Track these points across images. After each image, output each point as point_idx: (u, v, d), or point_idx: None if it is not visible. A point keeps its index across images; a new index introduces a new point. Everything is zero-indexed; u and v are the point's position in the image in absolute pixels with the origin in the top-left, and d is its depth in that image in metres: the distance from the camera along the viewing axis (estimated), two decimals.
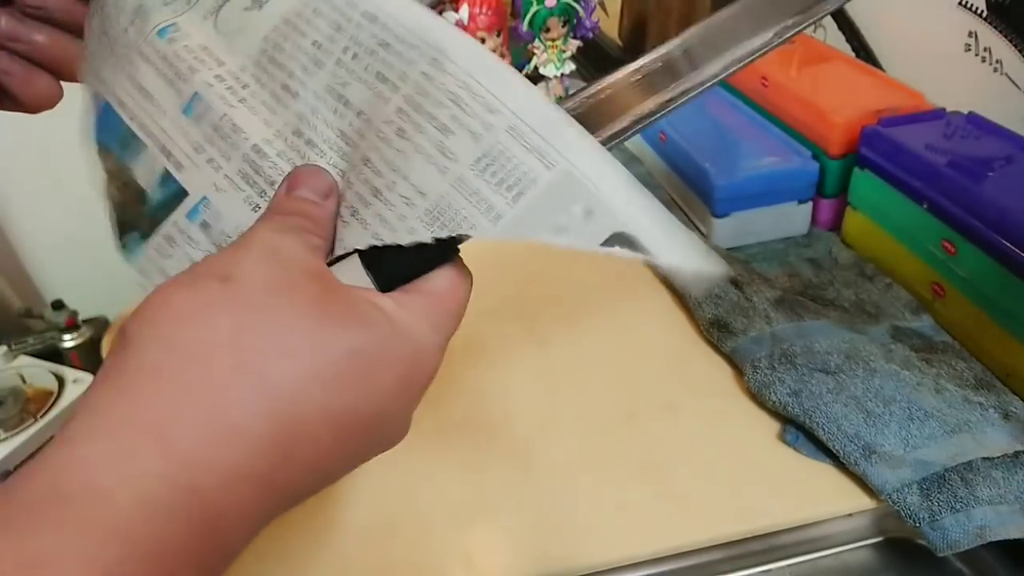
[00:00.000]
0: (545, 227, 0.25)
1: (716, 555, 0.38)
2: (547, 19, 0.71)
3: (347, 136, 0.30)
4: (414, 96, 0.27)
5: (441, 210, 0.26)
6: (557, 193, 0.25)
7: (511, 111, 0.26)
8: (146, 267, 0.32)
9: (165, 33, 0.33)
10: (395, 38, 0.28)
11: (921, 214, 0.47)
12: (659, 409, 0.45)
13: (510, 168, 0.25)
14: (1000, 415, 0.40)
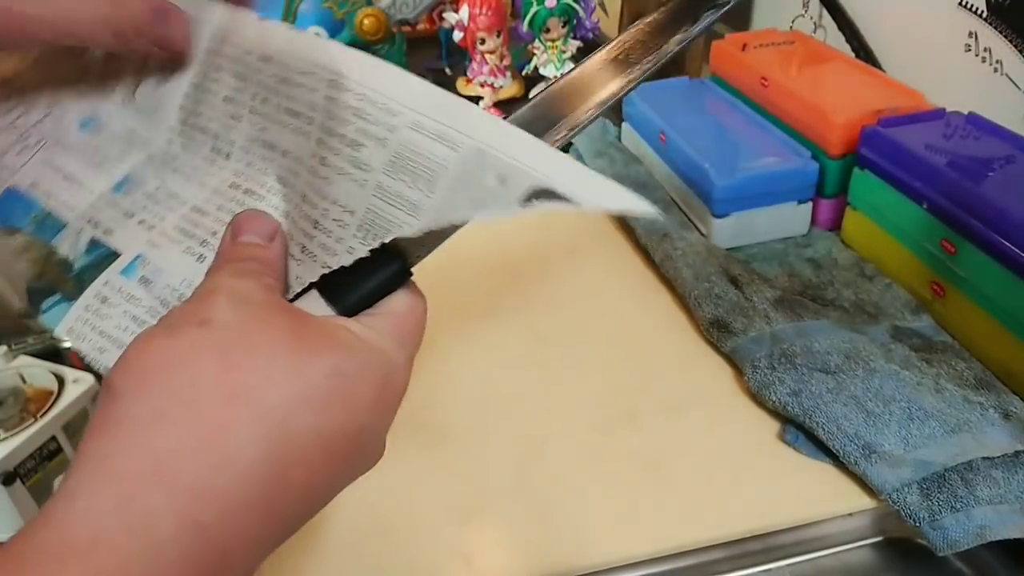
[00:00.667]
0: (464, 206, 0.25)
1: (716, 555, 0.38)
2: (547, 19, 0.72)
3: (283, 178, 0.30)
4: (326, 122, 0.28)
5: (370, 221, 0.27)
6: (468, 170, 0.25)
7: (410, 108, 0.27)
8: (77, 328, 0.31)
9: (88, 126, 0.33)
10: (292, 71, 0.29)
11: (921, 214, 0.47)
12: (659, 409, 0.45)
13: (420, 161, 0.26)
14: (1000, 415, 0.40)
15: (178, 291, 0.30)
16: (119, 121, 0.34)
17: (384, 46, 0.89)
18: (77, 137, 0.34)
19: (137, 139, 0.33)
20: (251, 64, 0.30)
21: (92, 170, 0.33)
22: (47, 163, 0.33)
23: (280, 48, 0.29)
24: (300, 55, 0.29)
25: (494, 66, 0.78)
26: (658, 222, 0.58)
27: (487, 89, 0.78)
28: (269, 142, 0.31)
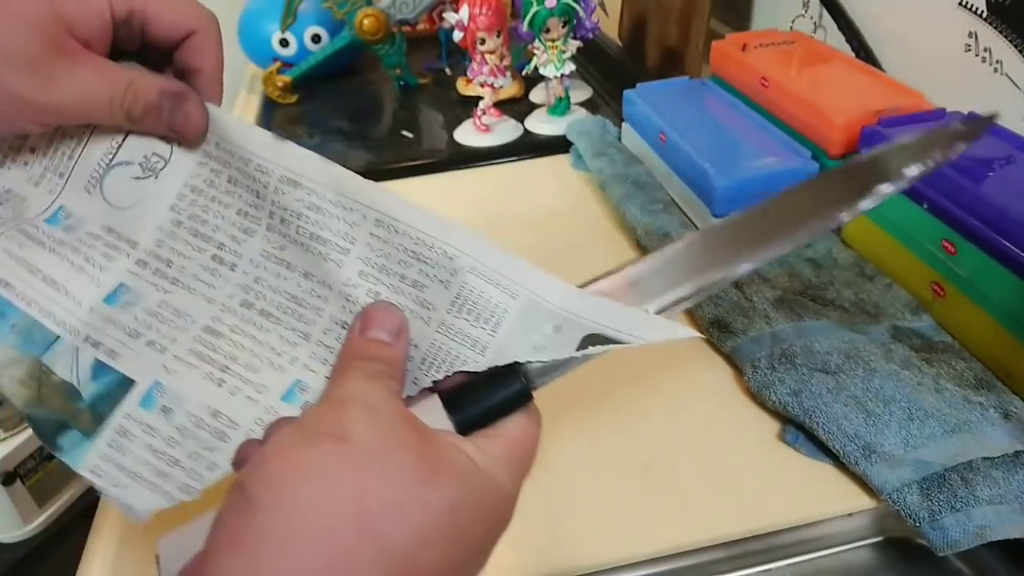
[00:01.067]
0: (525, 348, 0.27)
1: (716, 555, 0.38)
2: (547, 19, 0.71)
3: (299, 299, 0.30)
4: (372, 258, 0.29)
5: (434, 355, 0.28)
6: (527, 317, 0.28)
7: (467, 254, 0.28)
8: (100, 466, 0.29)
9: (57, 221, 0.31)
10: (328, 202, 0.29)
11: (921, 214, 0.47)
12: (659, 409, 0.45)
13: (482, 304, 0.28)
14: (1000, 415, 0.40)
15: (202, 418, 0.30)
16: (93, 216, 0.32)
17: (384, 46, 0.89)
18: (47, 232, 0.31)
19: (121, 240, 0.32)
20: (269, 184, 0.30)
21: (76, 275, 0.31)
22: (15, 258, 0.31)
23: (311, 176, 0.29)
24: (339, 187, 0.29)
25: (494, 66, 0.78)
26: (657, 222, 0.58)
27: (487, 89, 0.78)
28: (287, 261, 0.30)
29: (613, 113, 0.81)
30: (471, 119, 0.80)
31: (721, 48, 0.68)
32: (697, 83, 0.70)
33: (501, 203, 0.69)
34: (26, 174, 0.32)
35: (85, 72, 0.28)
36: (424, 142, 0.83)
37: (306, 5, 0.91)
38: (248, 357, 0.30)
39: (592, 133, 0.73)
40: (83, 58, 0.28)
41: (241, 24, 0.98)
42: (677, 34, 0.81)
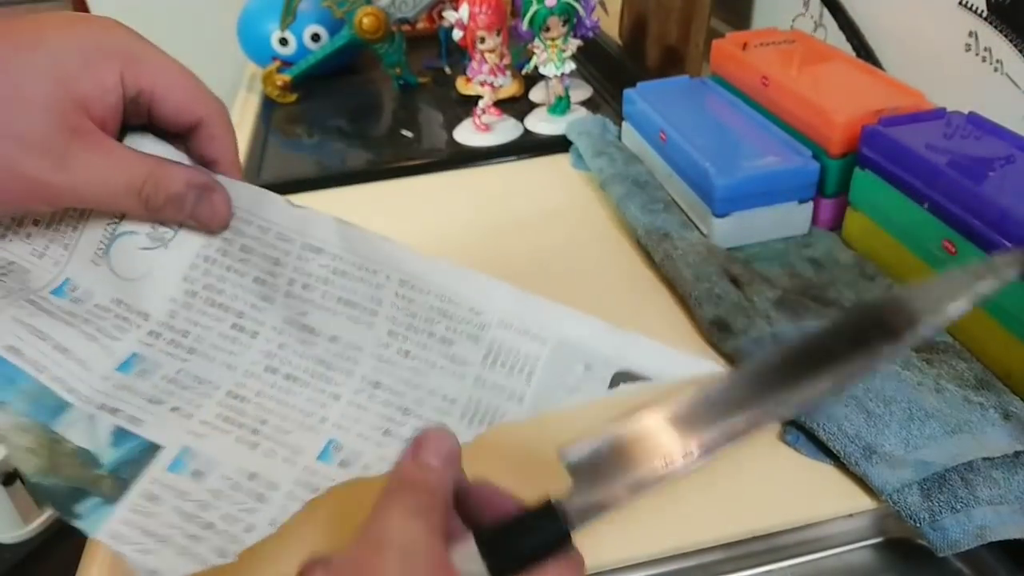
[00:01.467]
0: (561, 392, 0.28)
1: (717, 555, 0.38)
2: (547, 18, 0.71)
3: (327, 362, 0.30)
4: (400, 318, 0.30)
5: (474, 409, 0.29)
6: (558, 361, 0.28)
7: (492, 308, 0.29)
8: (121, 531, 0.28)
9: (63, 293, 0.31)
10: (352, 266, 0.30)
11: (922, 214, 0.47)
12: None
13: (513, 356, 0.29)
14: (1000, 415, 0.40)
15: (232, 480, 0.29)
16: (101, 288, 0.31)
17: (383, 45, 0.89)
18: (55, 303, 0.31)
19: (131, 312, 0.31)
20: (290, 251, 0.30)
21: (87, 343, 0.30)
22: (24, 325, 0.30)
23: (332, 241, 0.30)
24: (360, 252, 0.30)
25: (494, 65, 0.77)
26: (657, 222, 0.58)
27: (487, 88, 0.78)
28: (311, 327, 0.30)
29: (613, 112, 0.81)
30: (471, 118, 0.80)
31: (721, 47, 0.68)
32: (697, 82, 0.70)
33: (501, 203, 0.69)
34: (29, 246, 0.31)
35: (102, 156, 0.27)
36: (424, 141, 0.83)
37: (306, 4, 0.90)
38: (277, 420, 0.30)
39: (592, 132, 0.73)
40: (99, 141, 0.27)
41: (241, 23, 0.98)
42: (677, 33, 0.81)
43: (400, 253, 0.29)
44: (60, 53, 0.26)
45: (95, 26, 0.27)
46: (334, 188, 0.73)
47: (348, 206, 0.71)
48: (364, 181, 0.75)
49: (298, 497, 0.28)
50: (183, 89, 0.29)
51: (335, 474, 0.29)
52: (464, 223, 0.65)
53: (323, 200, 0.72)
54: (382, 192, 0.73)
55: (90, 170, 0.27)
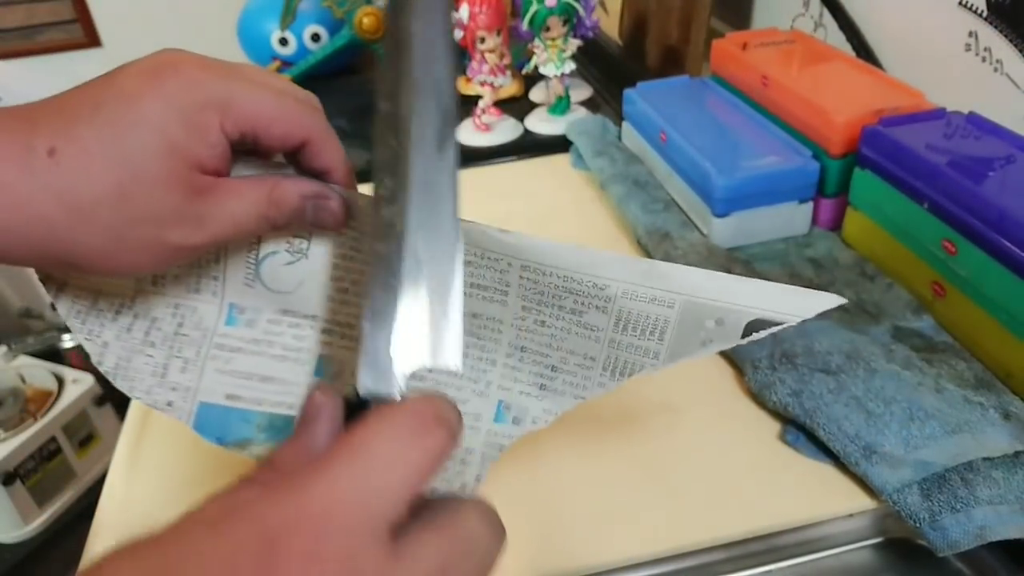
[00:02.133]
0: (694, 347, 0.30)
1: (717, 556, 0.38)
2: (547, 18, 0.71)
3: (476, 333, 0.33)
4: (529, 295, 0.32)
5: (614, 364, 0.32)
6: (688, 320, 0.30)
7: (615, 279, 0.30)
8: None
9: (234, 320, 0.34)
10: (473, 256, 0.32)
11: (921, 214, 0.47)
12: (659, 409, 0.45)
13: (643, 320, 0.31)
14: (1000, 415, 0.40)
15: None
16: (264, 304, 0.34)
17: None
18: (234, 335, 0.33)
19: (299, 317, 0.34)
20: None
21: (279, 363, 0.33)
22: (229, 373, 0.33)
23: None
24: (477, 243, 0.31)
25: (494, 65, 0.77)
26: (657, 222, 0.58)
27: (487, 88, 0.78)
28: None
29: (613, 112, 0.81)
30: (471, 118, 0.80)
31: (722, 47, 0.68)
32: (698, 82, 0.70)
33: (501, 202, 0.69)
34: (184, 286, 0.33)
35: (229, 202, 0.28)
36: None
37: (306, 4, 0.90)
38: (454, 392, 0.33)
39: (592, 132, 0.73)
40: (223, 190, 0.28)
41: (241, 23, 0.98)
42: (677, 33, 0.81)
43: (517, 240, 0.31)
44: (162, 124, 0.26)
45: (182, 78, 0.27)
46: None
47: None
48: (364, 181, 0.74)
49: (490, 456, 0.34)
50: (282, 119, 0.29)
51: (511, 431, 0.34)
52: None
53: None
54: None
55: (223, 219, 0.28)
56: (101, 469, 1.38)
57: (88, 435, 1.38)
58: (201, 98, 0.27)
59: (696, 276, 0.30)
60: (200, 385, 0.33)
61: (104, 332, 0.33)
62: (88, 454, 1.38)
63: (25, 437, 1.26)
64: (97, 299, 0.33)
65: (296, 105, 0.29)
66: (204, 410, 0.33)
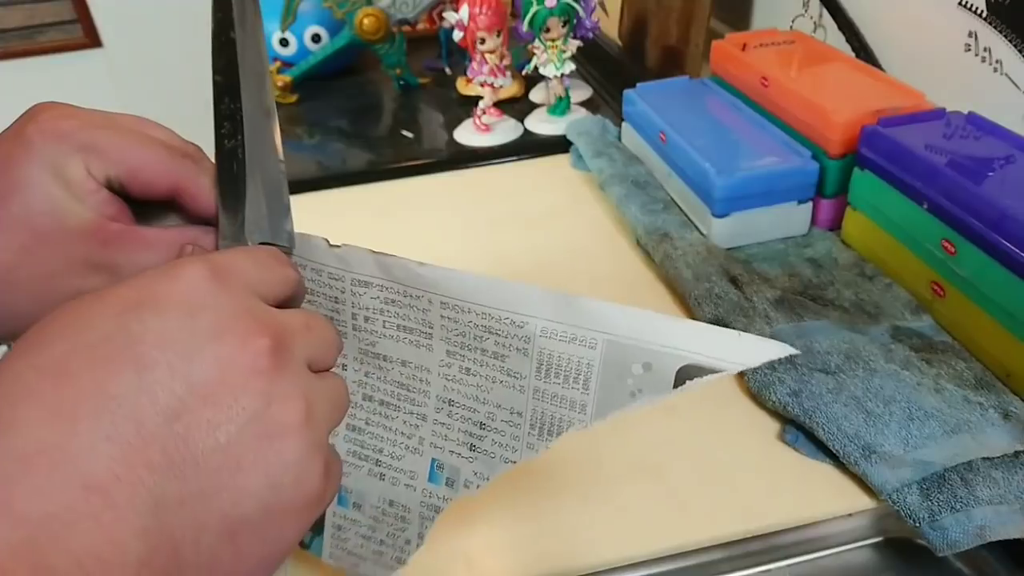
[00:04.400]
0: (623, 397, 0.27)
1: (716, 555, 0.38)
2: (547, 19, 0.71)
3: (406, 385, 0.32)
4: (452, 337, 0.30)
5: (540, 420, 0.29)
6: (612, 364, 0.27)
7: (531, 316, 0.28)
8: (335, 553, 0.35)
9: None
10: (399, 294, 0.30)
11: (921, 214, 0.47)
12: (659, 409, 0.45)
13: (564, 364, 0.28)
14: (1000, 415, 0.40)
15: (380, 507, 0.33)
16: None
17: (384, 46, 0.89)
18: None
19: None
20: (344, 288, 0.31)
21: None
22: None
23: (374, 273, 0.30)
24: (400, 279, 0.30)
25: (494, 66, 0.77)
26: (657, 222, 0.58)
27: (487, 89, 0.78)
28: (382, 354, 0.32)
29: (613, 113, 0.81)
30: (471, 119, 0.80)
31: (721, 48, 0.68)
32: (697, 83, 0.70)
33: (501, 203, 0.69)
34: None
35: (141, 252, 0.29)
36: (424, 142, 0.83)
37: (306, 5, 0.91)
38: (390, 447, 0.33)
39: (592, 133, 0.73)
40: (132, 239, 0.29)
41: None
42: (677, 34, 0.81)
43: (432, 274, 0.29)
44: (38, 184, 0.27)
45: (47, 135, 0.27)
46: (335, 189, 0.74)
47: (349, 206, 0.71)
48: (365, 182, 0.75)
49: (427, 518, 0.33)
50: (147, 166, 0.29)
51: (446, 494, 0.32)
52: (464, 223, 0.65)
53: (324, 200, 0.72)
54: (382, 192, 0.73)
55: (137, 268, 0.29)
56: None
57: None
58: (66, 148, 0.27)
59: (618, 313, 0.26)
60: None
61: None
62: None
63: None
64: None
65: (164, 152, 0.29)
66: None
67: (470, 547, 0.38)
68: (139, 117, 0.30)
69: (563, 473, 0.41)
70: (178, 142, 0.30)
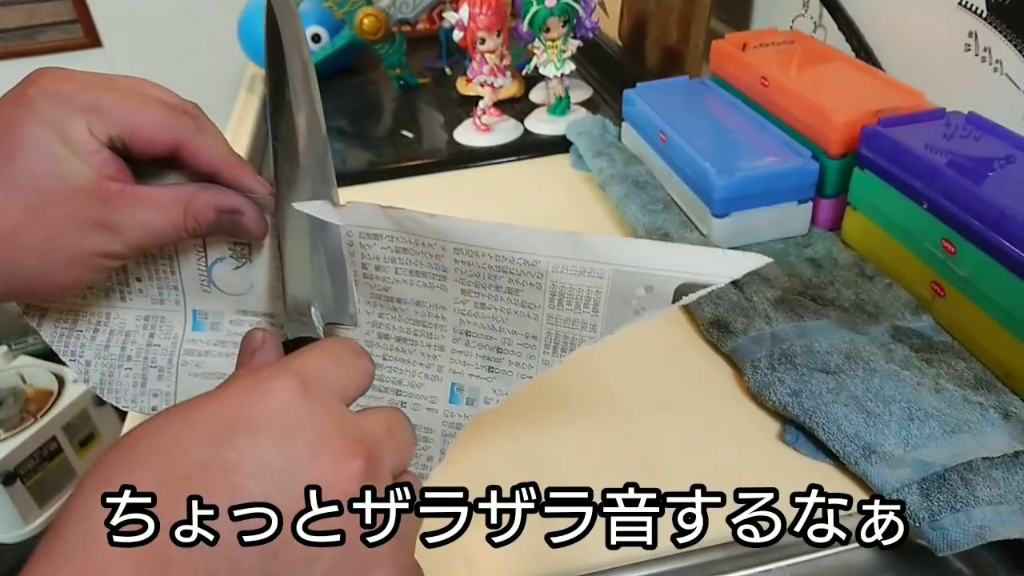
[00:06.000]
0: (628, 316, 0.30)
1: (716, 555, 0.38)
2: (547, 19, 0.71)
3: (421, 322, 0.34)
4: (465, 278, 0.32)
5: (555, 340, 0.32)
6: (619, 290, 0.30)
7: (544, 255, 0.31)
8: None
9: (200, 325, 0.36)
10: (409, 243, 0.32)
11: (921, 214, 0.47)
12: (659, 409, 0.45)
13: (576, 293, 0.31)
14: (1000, 415, 0.40)
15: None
16: (224, 307, 0.36)
17: (384, 46, 0.89)
18: (201, 339, 0.36)
19: (258, 316, 0.36)
20: (353, 241, 0.33)
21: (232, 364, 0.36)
22: (202, 375, 0.36)
23: (383, 225, 0.32)
24: (410, 229, 0.32)
25: (494, 66, 0.77)
26: (657, 222, 0.58)
27: (487, 89, 0.78)
28: (395, 297, 0.34)
29: (613, 113, 0.81)
30: (471, 119, 0.80)
31: (721, 48, 0.68)
32: (697, 83, 0.70)
33: (501, 203, 0.69)
34: (148, 299, 0.35)
35: (140, 210, 0.29)
36: (424, 142, 0.83)
37: (306, 5, 0.90)
38: (409, 377, 0.35)
39: (592, 133, 0.73)
40: (132, 197, 0.29)
41: (241, 24, 0.98)
42: (677, 34, 0.81)
43: (445, 224, 0.31)
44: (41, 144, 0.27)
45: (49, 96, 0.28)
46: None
47: None
48: (365, 182, 0.75)
49: (449, 435, 0.35)
50: (148, 124, 0.29)
51: (467, 411, 0.35)
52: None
53: None
54: (382, 193, 0.73)
55: (139, 226, 0.30)
56: None
57: (88, 435, 1.38)
58: (68, 109, 0.28)
59: (621, 245, 0.30)
60: (177, 389, 0.36)
61: (85, 352, 0.35)
62: (89, 454, 1.38)
63: (25, 437, 1.26)
64: (76, 321, 0.35)
65: (164, 110, 0.30)
66: None
67: (469, 546, 0.38)
68: (138, 78, 0.31)
69: (562, 472, 0.41)
70: (177, 100, 0.31)
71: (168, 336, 0.36)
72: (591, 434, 0.43)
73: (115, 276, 0.35)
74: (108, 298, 0.35)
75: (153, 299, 0.35)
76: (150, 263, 0.35)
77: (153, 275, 0.35)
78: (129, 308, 0.35)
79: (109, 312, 0.35)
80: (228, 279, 0.35)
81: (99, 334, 0.35)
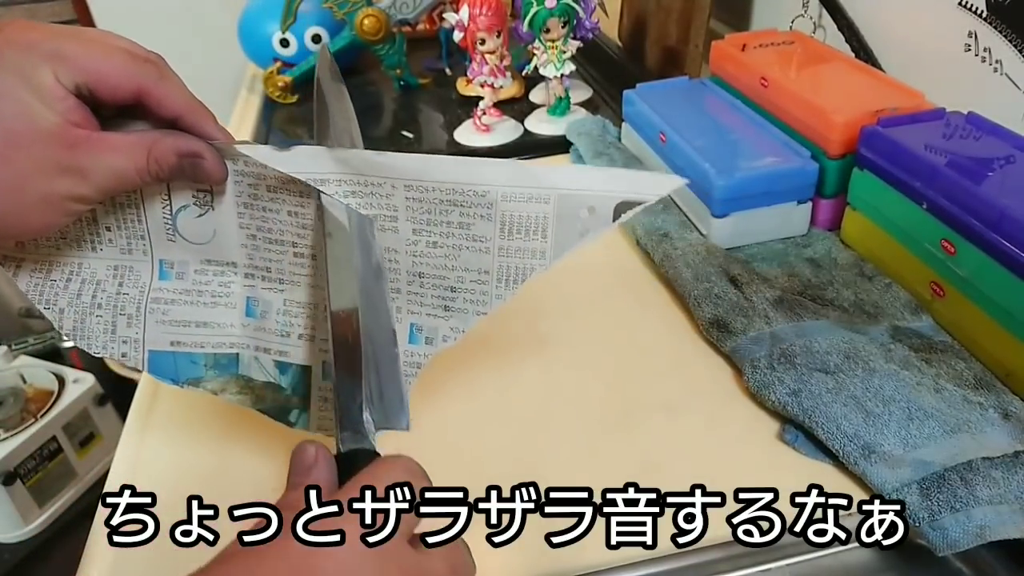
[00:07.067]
0: (573, 238, 0.33)
1: (716, 555, 0.38)
2: (547, 20, 0.71)
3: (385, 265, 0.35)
4: (417, 216, 0.34)
5: (507, 273, 0.34)
6: (564, 213, 0.32)
7: (492, 184, 0.32)
8: (322, 424, 0.38)
9: (166, 274, 0.37)
10: (358, 185, 0.33)
11: (920, 214, 0.47)
12: (658, 409, 0.45)
13: (525, 221, 0.33)
14: (1000, 415, 0.40)
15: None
16: (189, 257, 0.37)
17: (384, 46, 0.89)
18: (168, 287, 0.37)
19: (222, 265, 0.37)
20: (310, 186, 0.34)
21: (212, 309, 0.38)
22: (168, 323, 0.37)
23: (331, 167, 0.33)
24: (359, 169, 0.33)
25: (494, 66, 0.77)
26: (657, 222, 0.58)
27: (487, 89, 0.78)
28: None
29: (613, 113, 0.81)
30: (471, 119, 0.80)
31: (721, 48, 0.68)
32: (697, 83, 0.70)
33: None
34: (117, 249, 0.37)
35: (106, 153, 0.30)
36: (424, 142, 0.83)
37: (306, 5, 0.91)
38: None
39: (592, 133, 0.73)
40: (98, 143, 0.30)
41: (242, 24, 0.98)
42: (677, 34, 0.81)
43: (394, 160, 0.32)
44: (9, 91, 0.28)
45: (16, 45, 0.29)
46: None
47: None
48: None
49: (410, 375, 0.37)
50: (112, 72, 0.30)
51: (426, 351, 0.37)
52: None
53: None
54: None
55: (105, 170, 0.31)
56: (102, 469, 1.38)
57: (89, 435, 1.38)
58: (35, 57, 0.29)
59: (562, 171, 0.32)
60: (145, 336, 0.37)
61: (59, 300, 0.36)
62: (89, 454, 1.38)
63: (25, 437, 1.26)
64: (50, 271, 0.36)
65: (128, 58, 0.31)
66: (155, 357, 0.37)
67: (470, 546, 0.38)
68: (103, 30, 0.32)
69: (562, 472, 0.41)
70: (140, 50, 0.32)
71: (136, 285, 0.37)
72: (591, 434, 0.43)
73: (86, 226, 0.36)
74: (80, 248, 0.36)
75: (122, 249, 0.37)
76: (118, 211, 0.36)
77: (122, 224, 0.36)
78: (100, 258, 0.37)
79: (81, 262, 0.36)
80: (192, 227, 0.36)
81: (71, 283, 0.36)
